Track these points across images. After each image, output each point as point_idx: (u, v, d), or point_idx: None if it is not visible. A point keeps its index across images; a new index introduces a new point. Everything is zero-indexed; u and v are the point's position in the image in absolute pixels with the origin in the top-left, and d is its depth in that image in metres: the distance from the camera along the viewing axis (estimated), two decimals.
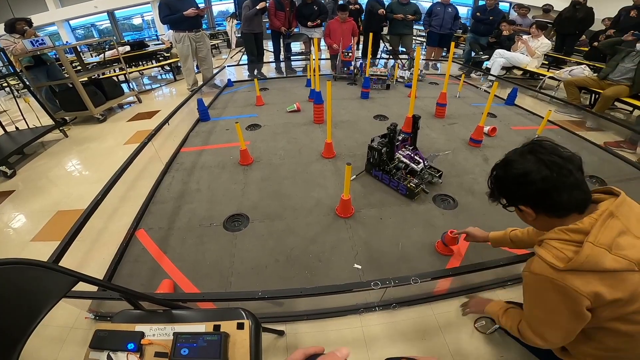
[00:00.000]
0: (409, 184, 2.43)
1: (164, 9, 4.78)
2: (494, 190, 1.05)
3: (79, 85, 4.26)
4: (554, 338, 0.93)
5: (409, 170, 2.55)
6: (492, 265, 1.55)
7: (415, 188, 2.41)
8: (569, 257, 0.82)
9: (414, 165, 2.50)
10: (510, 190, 0.99)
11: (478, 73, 6.34)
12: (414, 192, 2.41)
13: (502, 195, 1.02)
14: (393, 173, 2.54)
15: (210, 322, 0.96)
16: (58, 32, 13.93)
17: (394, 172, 2.55)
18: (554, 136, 3.55)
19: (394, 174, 2.53)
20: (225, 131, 3.80)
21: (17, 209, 2.76)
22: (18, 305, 0.73)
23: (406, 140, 2.70)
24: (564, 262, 0.82)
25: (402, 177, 2.50)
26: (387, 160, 2.53)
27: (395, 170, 2.56)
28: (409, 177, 2.50)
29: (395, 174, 2.54)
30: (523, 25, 6.68)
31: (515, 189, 0.96)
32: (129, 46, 7.90)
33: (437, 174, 2.56)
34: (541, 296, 0.90)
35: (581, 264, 0.79)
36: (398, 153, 2.58)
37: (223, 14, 15.61)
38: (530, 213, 0.95)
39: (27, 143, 3.61)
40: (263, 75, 6.48)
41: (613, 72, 4.00)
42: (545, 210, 0.92)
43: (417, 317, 1.69)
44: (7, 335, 0.70)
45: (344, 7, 5.88)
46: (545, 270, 0.85)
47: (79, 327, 1.69)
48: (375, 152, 2.58)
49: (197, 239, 2.17)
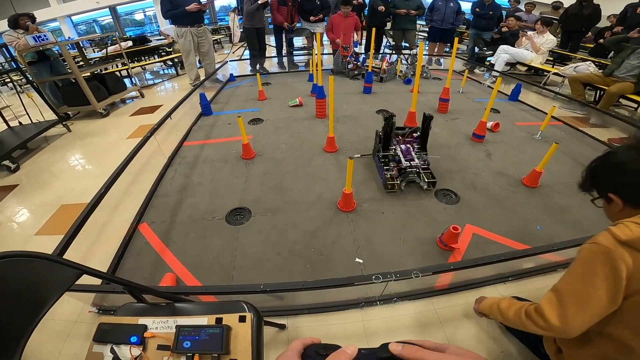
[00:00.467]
0: (387, 174, 2.46)
1: (166, 4, 4.77)
2: (587, 180, 1.09)
3: (82, 80, 4.26)
4: (574, 320, 0.91)
5: (397, 163, 2.54)
6: (493, 261, 1.55)
7: (390, 180, 2.43)
8: (634, 232, 0.83)
9: (402, 159, 2.49)
10: (604, 179, 1.02)
11: (482, 69, 6.29)
12: (386, 184, 2.45)
13: (595, 185, 1.05)
14: (384, 162, 2.57)
15: (212, 315, 0.97)
16: (60, 28, 13.90)
17: (386, 161, 2.57)
18: (558, 132, 3.53)
19: (384, 163, 2.56)
20: (228, 125, 3.80)
21: (20, 203, 2.78)
22: (23, 298, 0.73)
23: (417, 138, 2.67)
24: (627, 235, 0.83)
25: (390, 169, 2.51)
26: (382, 147, 2.59)
27: (387, 159, 2.58)
28: (394, 170, 2.50)
29: (385, 164, 2.55)
30: (528, 22, 6.61)
31: (610, 178, 0.99)
32: (131, 41, 7.89)
33: (427, 179, 2.46)
34: (589, 268, 0.90)
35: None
36: (399, 146, 2.59)
37: (225, 8, 15.54)
38: (618, 203, 0.96)
39: (30, 138, 3.63)
40: (265, 70, 6.47)
41: (618, 68, 3.97)
42: (633, 201, 0.94)
43: (418, 311, 1.70)
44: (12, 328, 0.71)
45: (348, 1, 5.84)
46: (607, 240, 0.86)
47: (82, 321, 1.71)
48: (377, 137, 2.70)
49: (200, 232, 2.18)
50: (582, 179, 1.11)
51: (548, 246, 1.62)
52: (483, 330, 1.59)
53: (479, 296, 1.44)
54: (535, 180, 2.53)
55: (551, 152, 2.31)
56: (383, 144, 2.58)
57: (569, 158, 2.96)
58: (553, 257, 1.87)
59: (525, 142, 3.25)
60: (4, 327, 0.69)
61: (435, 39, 6.92)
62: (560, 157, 2.92)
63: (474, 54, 6.65)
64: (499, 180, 2.64)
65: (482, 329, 1.59)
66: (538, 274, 1.88)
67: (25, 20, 4.30)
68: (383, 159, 2.57)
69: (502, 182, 2.61)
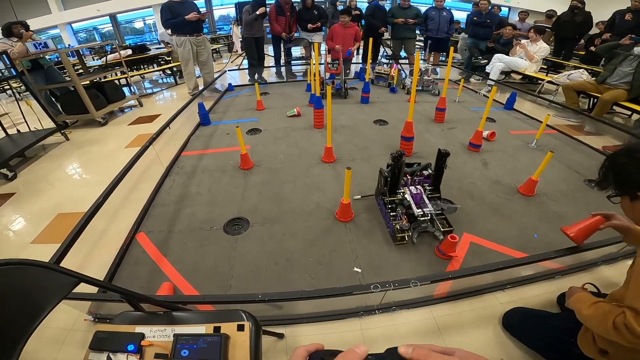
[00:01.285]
0: (395, 224, 2.09)
1: (166, 13, 4.82)
2: (607, 177, 1.07)
3: (81, 88, 4.27)
4: None
5: (406, 210, 2.15)
6: (491, 269, 1.55)
7: (399, 232, 2.05)
8: None
9: (413, 206, 2.08)
10: (630, 175, 1.00)
11: (477, 78, 6.37)
12: (395, 236, 2.07)
13: (617, 182, 1.04)
14: (392, 207, 2.18)
15: (210, 324, 0.97)
16: (60, 35, 14.00)
17: (393, 207, 2.18)
18: (553, 140, 3.57)
19: (392, 209, 2.17)
20: (226, 135, 3.82)
21: (17, 212, 2.77)
22: (19, 306, 0.73)
23: (429, 177, 2.29)
24: None
25: (398, 215, 2.12)
26: (387, 191, 2.20)
27: (395, 204, 2.19)
28: (404, 218, 2.11)
29: (392, 209, 2.17)
30: (522, 30, 6.73)
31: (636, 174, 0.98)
32: (131, 50, 7.94)
33: (443, 228, 2.11)
34: None
35: None
36: (409, 188, 2.18)
37: (224, 18, 15.70)
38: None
39: (28, 146, 3.62)
40: (264, 80, 6.51)
41: (611, 76, 4.02)
42: None
43: (417, 320, 1.69)
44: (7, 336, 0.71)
45: (347, 11, 5.91)
46: None
47: (78, 329, 1.69)
48: (381, 177, 2.28)
49: (198, 242, 2.17)
50: (602, 176, 1.09)
51: (545, 254, 1.62)
52: (484, 337, 1.58)
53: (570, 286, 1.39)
54: (531, 188, 2.55)
55: (546, 160, 2.34)
56: (390, 187, 2.18)
57: (564, 166, 2.99)
58: (550, 264, 1.88)
59: (520, 151, 3.28)
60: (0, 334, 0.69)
61: (431, 48, 7.02)
62: (555, 165, 2.95)
63: (469, 62, 6.74)
64: (496, 189, 2.66)
65: (483, 336, 1.59)
66: (536, 281, 1.88)
67: (19, 28, 4.34)
68: (390, 205, 2.19)
69: (499, 191, 2.63)
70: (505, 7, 12.51)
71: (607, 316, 0.98)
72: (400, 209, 2.14)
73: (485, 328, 1.63)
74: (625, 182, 1.02)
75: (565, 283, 1.86)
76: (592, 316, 1.05)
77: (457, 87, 5.14)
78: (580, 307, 1.11)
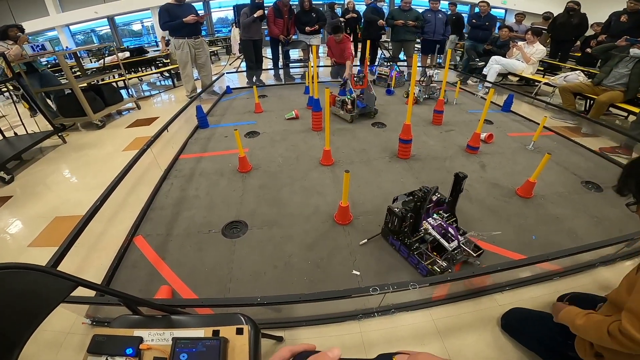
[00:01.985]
0: (432, 267, 1.82)
1: (164, 16, 4.82)
2: (627, 184, 1.05)
3: (79, 91, 4.27)
4: None
5: (435, 245, 1.92)
6: (490, 271, 1.56)
7: (439, 271, 1.80)
8: None
9: (444, 242, 1.87)
10: None
11: (475, 80, 6.40)
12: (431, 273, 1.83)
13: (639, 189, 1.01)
14: (415, 248, 1.92)
15: (209, 328, 0.96)
16: (58, 37, 13.99)
17: (416, 247, 1.92)
18: (550, 142, 3.59)
19: (416, 249, 1.91)
20: (224, 138, 3.82)
21: (14, 215, 2.75)
22: (16, 310, 0.73)
23: (442, 204, 2.06)
24: None
25: (424, 254, 1.88)
26: (409, 232, 1.93)
27: (418, 244, 1.93)
28: (434, 255, 1.86)
29: (417, 249, 1.91)
30: (519, 32, 6.77)
31: None
32: (129, 52, 7.94)
33: (476, 253, 1.91)
34: None
35: None
36: (427, 221, 1.96)
37: (222, 20, 15.72)
38: None
39: (25, 149, 3.61)
40: (262, 83, 6.52)
41: (607, 77, 4.04)
42: None
43: (416, 322, 1.69)
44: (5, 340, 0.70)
45: (336, 29, 5.72)
46: None
47: (75, 333, 1.68)
48: (395, 217, 1.95)
49: (196, 245, 2.17)
50: (621, 183, 1.07)
51: (543, 255, 1.63)
52: (483, 339, 1.59)
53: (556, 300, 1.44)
54: (529, 190, 2.56)
55: (544, 162, 2.35)
56: (413, 227, 1.93)
57: (562, 168, 3.00)
58: (549, 266, 1.89)
59: (518, 153, 3.29)
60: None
61: (428, 51, 7.05)
62: (553, 167, 2.96)
63: (467, 65, 6.77)
64: (494, 191, 2.67)
65: (482, 338, 1.59)
66: (534, 283, 1.89)
67: (15, 31, 4.35)
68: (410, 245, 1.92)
69: (497, 193, 2.63)
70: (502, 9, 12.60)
71: (601, 324, 1.00)
72: (424, 245, 1.91)
73: (484, 330, 1.63)
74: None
75: (564, 284, 1.87)
76: (586, 326, 1.08)
77: (455, 89, 5.16)
78: (573, 319, 1.13)
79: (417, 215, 1.88)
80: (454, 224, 2.03)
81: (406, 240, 1.94)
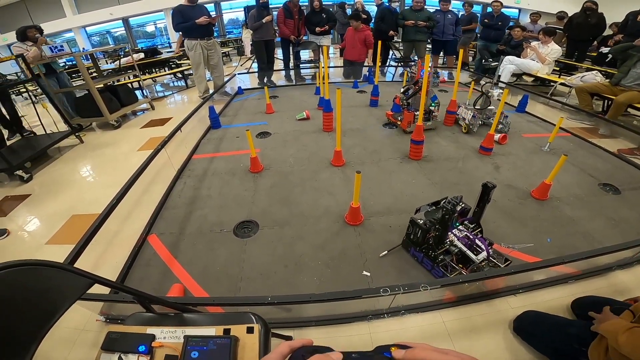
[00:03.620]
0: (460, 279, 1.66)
1: (177, 17, 4.89)
2: None
3: (95, 91, 4.36)
4: None
5: (460, 257, 1.83)
6: (503, 273, 1.54)
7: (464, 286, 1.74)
8: None
9: (471, 254, 1.78)
10: None
11: (488, 80, 6.31)
12: None
13: None
14: (440, 260, 1.84)
15: (220, 326, 0.97)
16: (75, 39, 14.32)
17: (441, 259, 1.84)
18: (567, 144, 3.51)
19: (440, 260, 1.83)
20: (236, 138, 3.85)
21: (32, 213, 2.83)
22: (34, 306, 0.75)
23: (466, 213, 2.00)
24: None
25: (449, 266, 1.81)
26: (434, 245, 1.86)
27: (442, 256, 1.85)
28: (459, 267, 1.79)
29: (442, 261, 1.83)
30: (534, 32, 6.65)
31: None
32: (143, 53, 8.07)
33: (503, 264, 1.81)
34: None
35: None
36: (452, 232, 1.89)
37: (233, 22, 15.86)
38: None
39: (44, 148, 3.71)
40: (273, 83, 6.56)
41: (625, 77, 3.94)
42: None
43: (427, 324, 1.68)
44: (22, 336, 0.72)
45: (355, 15, 5.91)
46: None
47: (89, 330, 1.72)
48: (418, 229, 1.87)
49: (208, 244, 2.19)
50: None
51: (558, 258, 1.60)
52: (494, 342, 1.56)
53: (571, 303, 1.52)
54: (544, 192, 2.51)
55: (560, 164, 2.30)
56: (439, 240, 1.83)
57: (578, 169, 2.94)
58: (564, 269, 1.85)
59: (533, 154, 3.23)
60: (16, 334, 0.70)
61: (437, 51, 6.98)
62: (569, 168, 2.90)
63: (480, 65, 6.68)
64: (508, 193, 2.62)
65: (493, 340, 1.57)
66: (549, 286, 1.85)
67: (34, 32, 4.44)
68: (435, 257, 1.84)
69: (511, 195, 2.59)
70: (515, 8, 12.39)
71: None
72: (449, 257, 1.83)
73: (496, 333, 1.60)
74: None
75: (579, 288, 1.83)
76: (628, 343, 1.04)
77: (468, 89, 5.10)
78: (616, 332, 1.09)
79: (444, 228, 1.78)
80: (480, 234, 1.94)
81: (430, 252, 1.86)
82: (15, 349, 0.70)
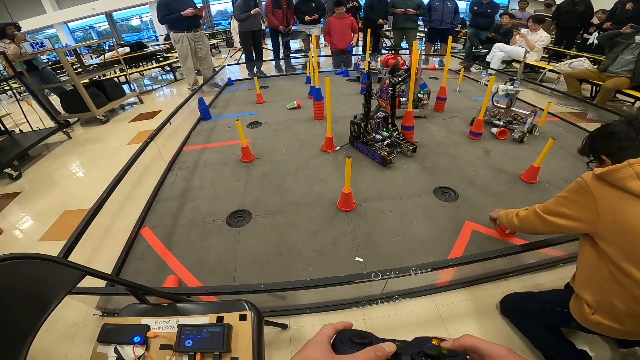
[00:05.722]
0: (382, 153, 2.77)
1: (162, 9, 4.80)
2: (586, 145, 1.32)
3: (81, 86, 4.29)
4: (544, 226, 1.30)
5: (385, 142, 2.91)
6: (493, 256, 1.56)
7: (388, 156, 2.75)
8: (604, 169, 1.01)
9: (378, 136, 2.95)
10: (600, 144, 1.24)
11: (478, 67, 6.32)
12: (386, 160, 2.75)
13: (592, 149, 1.28)
14: (371, 144, 2.91)
15: (213, 314, 0.99)
16: (57, 35, 13.99)
17: (372, 144, 2.91)
18: (556, 128, 3.55)
19: (371, 145, 2.90)
20: (227, 129, 3.83)
21: (24, 210, 2.80)
22: (27, 299, 0.75)
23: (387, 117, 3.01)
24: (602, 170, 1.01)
25: (378, 148, 2.85)
26: (365, 132, 2.90)
27: (373, 142, 2.93)
28: (384, 148, 2.85)
29: (372, 145, 2.90)
30: (522, 19, 6.65)
31: (604, 143, 1.22)
32: (129, 47, 7.92)
33: (410, 147, 2.93)
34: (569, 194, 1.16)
35: (609, 171, 0.99)
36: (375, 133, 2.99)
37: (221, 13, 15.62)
38: (608, 163, 1.16)
39: (31, 145, 3.65)
40: (263, 74, 6.49)
41: (613, 64, 4.00)
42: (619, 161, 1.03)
43: (420, 309, 1.71)
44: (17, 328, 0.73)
45: (340, 2, 5.86)
46: (587, 176, 1.08)
47: (87, 324, 1.72)
48: (355, 126, 2.99)
49: (201, 235, 2.19)
50: (582, 145, 1.36)
51: (547, 241, 1.63)
52: (487, 326, 1.60)
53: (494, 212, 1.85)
54: (533, 176, 2.55)
55: (548, 147, 2.33)
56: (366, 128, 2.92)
57: (567, 153, 2.98)
58: (553, 251, 1.89)
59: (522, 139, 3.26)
60: (11, 325, 0.71)
61: (435, 39, 6.96)
62: (558, 152, 2.94)
63: (470, 52, 6.67)
64: (498, 176, 2.65)
65: (486, 324, 1.60)
66: (539, 270, 1.89)
67: (12, 29, 4.33)
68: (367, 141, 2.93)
69: (501, 179, 2.62)
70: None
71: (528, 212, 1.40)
72: (378, 145, 2.91)
73: (489, 317, 1.64)
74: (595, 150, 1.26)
75: (569, 271, 1.86)
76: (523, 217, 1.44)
77: (458, 76, 5.10)
78: (511, 217, 1.52)
79: (367, 119, 2.85)
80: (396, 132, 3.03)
81: (364, 138, 2.92)
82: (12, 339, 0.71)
